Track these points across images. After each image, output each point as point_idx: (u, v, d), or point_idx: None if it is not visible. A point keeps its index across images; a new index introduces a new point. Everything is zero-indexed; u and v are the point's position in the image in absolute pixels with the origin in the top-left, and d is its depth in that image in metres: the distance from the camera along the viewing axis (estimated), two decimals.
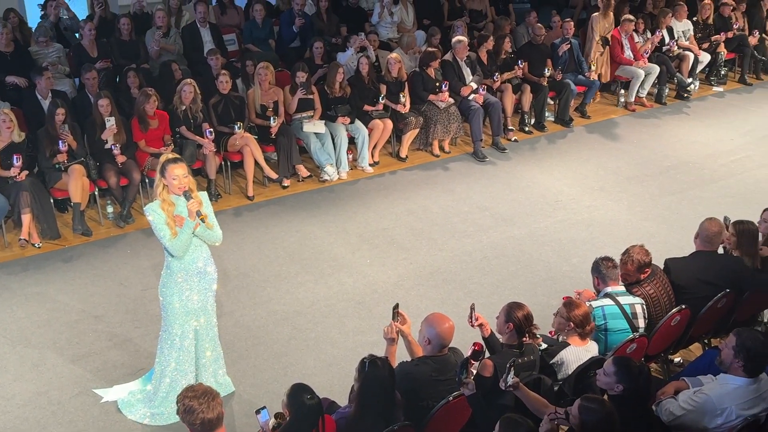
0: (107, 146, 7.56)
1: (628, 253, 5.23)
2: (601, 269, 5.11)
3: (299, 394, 3.83)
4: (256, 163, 8.30)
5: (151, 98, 7.66)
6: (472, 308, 4.69)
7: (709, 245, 5.41)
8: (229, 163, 8.40)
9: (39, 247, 7.26)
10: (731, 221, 5.74)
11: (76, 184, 7.28)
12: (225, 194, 8.41)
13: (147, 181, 7.86)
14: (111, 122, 7.48)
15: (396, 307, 4.58)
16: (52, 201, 7.45)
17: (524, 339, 4.50)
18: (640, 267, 5.16)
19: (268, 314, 6.38)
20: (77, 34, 9.63)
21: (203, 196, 4.90)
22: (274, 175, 8.49)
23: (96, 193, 7.71)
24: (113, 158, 7.54)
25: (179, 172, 4.68)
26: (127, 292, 6.67)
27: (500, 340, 4.67)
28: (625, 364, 3.97)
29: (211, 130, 7.95)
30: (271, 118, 8.33)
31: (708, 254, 5.42)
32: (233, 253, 7.19)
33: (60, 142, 7.24)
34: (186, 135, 8.02)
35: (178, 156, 4.83)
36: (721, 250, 5.60)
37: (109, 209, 7.90)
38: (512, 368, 4.08)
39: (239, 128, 8.06)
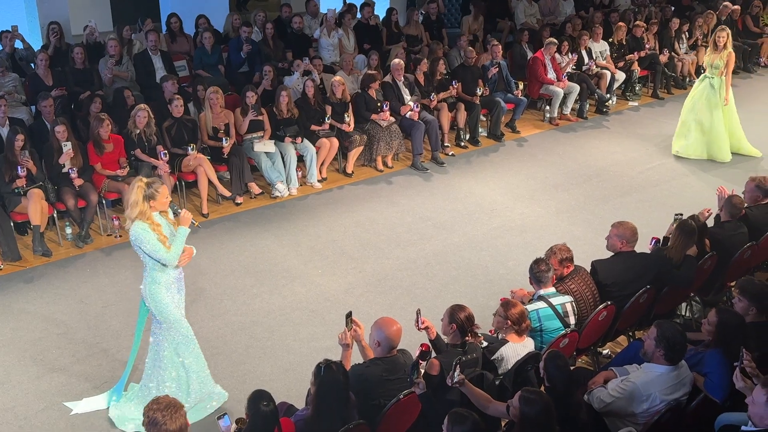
0: (65, 170, 7.40)
1: (552, 249, 5.48)
2: (534, 272, 5.24)
3: (257, 401, 3.82)
4: (210, 182, 8.22)
5: (104, 122, 7.54)
6: (418, 313, 4.73)
7: (630, 245, 5.59)
8: (183, 183, 8.31)
9: (0, 269, 7.06)
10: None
11: (36, 207, 7.10)
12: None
13: (104, 202, 7.73)
14: (68, 147, 7.33)
15: (349, 315, 4.57)
16: (12, 224, 7.25)
17: (467, 338, 4.56)
18: (562, 261, 5.40)
19: (225, 325, 6.32)
20: (32, 65, 9.42)
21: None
22: (227, 193, 8.43)
23: (55, 215, 7.52)
24: (71, 181, 7.38)
25: (167, 191, 4.94)
26: (88, 309, 6.52)
27: (445, 340, 4.72)
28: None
29: (166, 152, 7.86)
30: (224, 139, 8.27)
31: (630, 254, 5.57)
32: (190, 269, 7.01)
33: (19, 167, 7.06)
34: (141, 157, 7.90)
35: (150, 179, 4.92)
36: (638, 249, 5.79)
37: (68, 230, 7.71)
38: (458, 366, 4.13)
39: (192, 149, 7.99)
